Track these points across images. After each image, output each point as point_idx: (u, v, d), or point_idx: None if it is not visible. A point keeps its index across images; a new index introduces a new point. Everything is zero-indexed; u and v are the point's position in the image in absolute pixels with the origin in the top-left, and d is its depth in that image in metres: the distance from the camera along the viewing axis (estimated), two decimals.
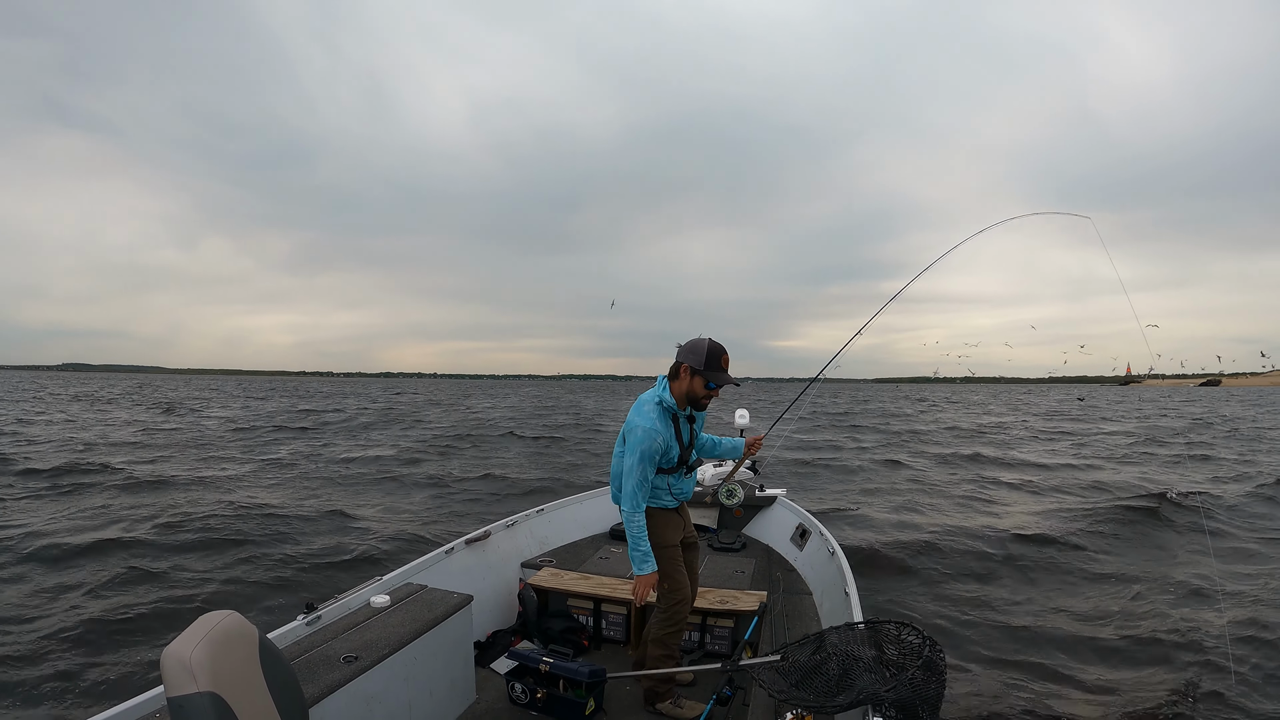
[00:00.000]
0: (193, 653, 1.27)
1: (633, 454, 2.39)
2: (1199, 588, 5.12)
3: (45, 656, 3.77)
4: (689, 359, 2.45)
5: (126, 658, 3.82)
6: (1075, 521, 7.28)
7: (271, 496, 8.35)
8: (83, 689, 3.47)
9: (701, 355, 2.43)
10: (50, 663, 3.70)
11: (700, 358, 2.43)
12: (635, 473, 2.39)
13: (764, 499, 4.56)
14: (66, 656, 3.78)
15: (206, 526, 6.58)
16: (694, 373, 2.45)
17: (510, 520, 3.84)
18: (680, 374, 2.48)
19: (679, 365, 2.48)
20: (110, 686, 3.49)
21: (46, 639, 3.98)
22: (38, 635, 4.03)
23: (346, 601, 2.49)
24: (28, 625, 4.19)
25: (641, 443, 2.39)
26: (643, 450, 2.38)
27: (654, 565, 2.45)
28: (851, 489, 9.85)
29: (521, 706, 2.60)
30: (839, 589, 2.88)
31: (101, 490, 8.55)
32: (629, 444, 2.44)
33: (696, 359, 2.43)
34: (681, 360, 2.47)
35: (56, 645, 3.91)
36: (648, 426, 2.41)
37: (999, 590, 5.23)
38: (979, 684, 3.65)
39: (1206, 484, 9.95)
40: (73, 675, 3.59)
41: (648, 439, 2.39)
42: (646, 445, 2.39)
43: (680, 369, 2.48)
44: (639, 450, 2.38)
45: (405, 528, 6.85)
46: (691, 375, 2.46)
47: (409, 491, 9.29)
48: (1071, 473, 11.53)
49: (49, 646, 3.88)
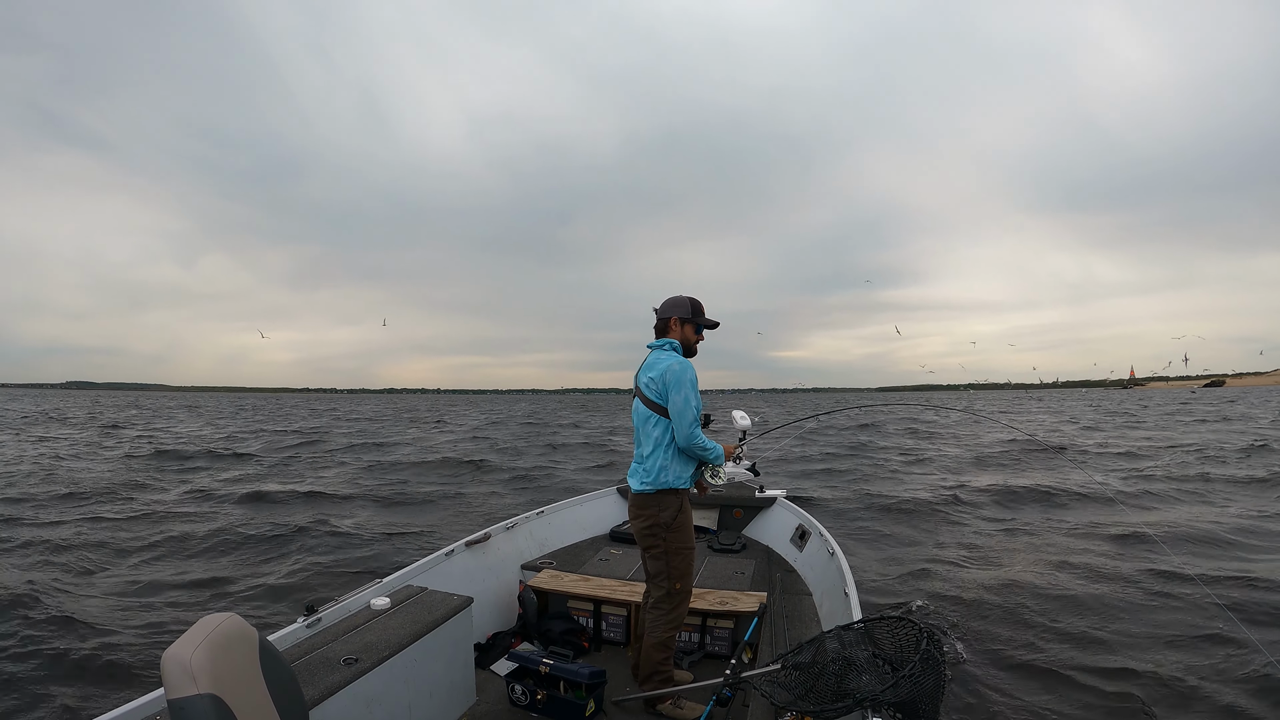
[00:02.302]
0: (193, 655, 1.27)
1: (685, 388, 2.52)
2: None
3: (45, 658, 3.76)
4: (675, 312, 2.70)
5: (126, 659, 3.81)
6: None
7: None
8: (83, 689, 3.47)
9: (686, 306, 2.70)
10: (50, 664, 3.70)
11: (685, 309, 2.70)
12: (693, 403, 2.54)
13: (764, 500, 4.57)
14: (67, 657, 3.78)
15: (207, 527, 6.57)
16: (684, 322, 2.70)
17: (510, 522, 3.85)
18: (671, 326, 2.70)
19: (667, 320, 2.71)
20: (110, 687, 3.48)
21: (47, 639, 3.98)
22: (38, 635, 4.03)
23: (347, 604, 2.50)
24: (25, 625, 4.18)
25: (689, 374, 2.56)
26: (692, 379, 2.56)
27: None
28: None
29: (522, 708, 2.60)
30: (839, 590, 2.89)
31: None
32: (673, 383, 2.52)
33: (682, 310, 2.70)
34: (668, 315, 2.71)
35: (55, 646, 3.90)
36: (685, 361, 2.60)
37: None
38: (979, 679, 3.65)
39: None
40: (72, 676, 3.59)
41: (693, 370, 2.59)
42: (694, 376, 2.58)
43: (670, 322, 2.70)
44: (689, 382, 2.54)
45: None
46: (682, 324, 2.70)
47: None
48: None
49: (48, 647, 3.88)
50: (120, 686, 3.52)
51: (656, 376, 2.56)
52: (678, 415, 2.52)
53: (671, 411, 2.53)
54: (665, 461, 2.57)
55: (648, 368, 2.64)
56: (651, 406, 2.59)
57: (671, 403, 2.53)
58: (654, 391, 2.58)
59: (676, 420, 2.52)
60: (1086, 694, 3.54)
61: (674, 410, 2.52)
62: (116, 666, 3.74)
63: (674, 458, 2.58)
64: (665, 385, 2.54)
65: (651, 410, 2.59)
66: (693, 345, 2.72)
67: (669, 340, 2.68)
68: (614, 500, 4.76)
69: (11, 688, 3.49)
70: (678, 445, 2.56)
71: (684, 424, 2.51)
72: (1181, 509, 8.19)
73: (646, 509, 2.60)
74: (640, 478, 2.63)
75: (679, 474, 2.58)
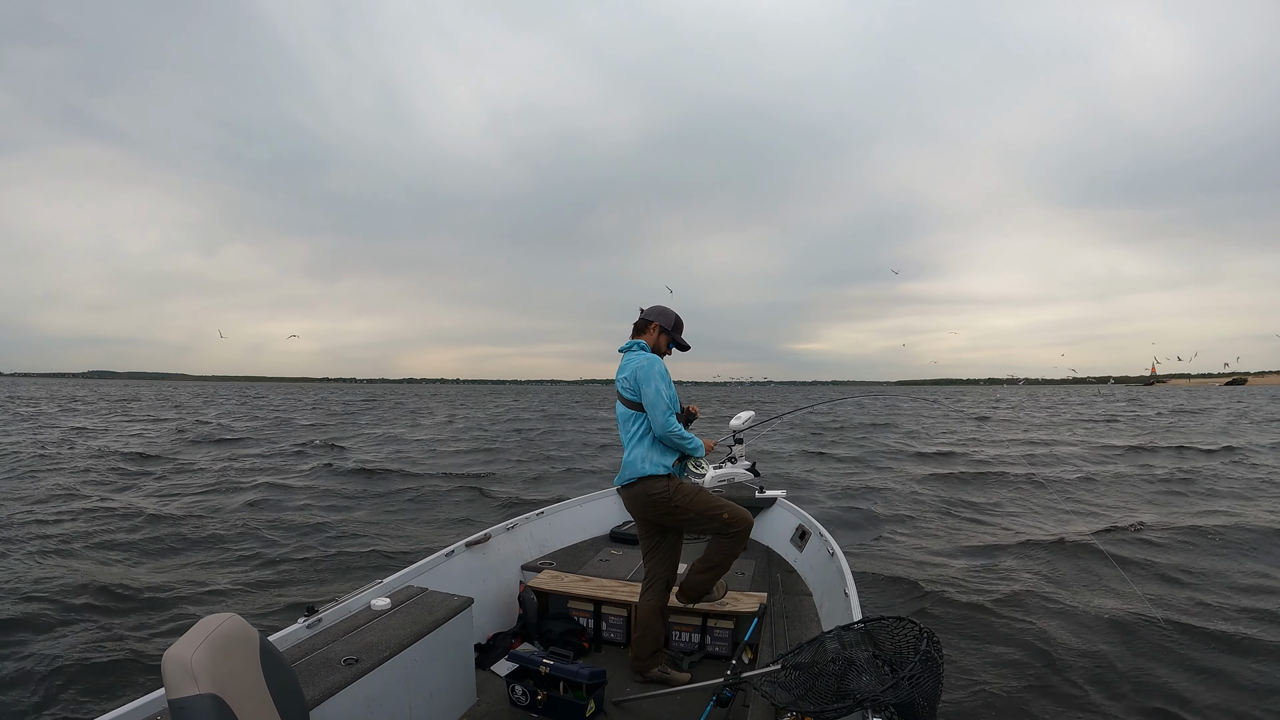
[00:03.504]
0: (194, 655, 1.27)
1: (655, 380, 2.70)
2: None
3: (45, 659, 3.76)
4: (659, 319, 2.90)
5: (127, 659, 3.81)
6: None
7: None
8: (83, 691, 3.47)
9: (670, 319, 2.91)
10: (50, 665, 3.70)
11: (669, 321, 2.91)
12: (665, 394, 2.70)
13: (764, 500, 4.57)
14: (67, 658, 3.78)
15: (207, 528, 6.57)
16: (662, 330, 2.89)
17: (510, 523, 3.85)
18: (649, 330, 2.90)
19: (648, 323, 2.90)
20: (110, 688, 3.49)
21: (46, 640, 3.98)
22: (37, 636, 4.03)
23: (347, 604, 2.50)
24: (26, 626, 4.19)
25: (658, 367, 2.74)
26: (661, 372, 2.74)
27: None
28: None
29: (522, 709, 2.60)
30: (839, 590, 2.89)
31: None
32: (644, 377, 2.71)
33: (666, 321, 2.90)
34: (652, 319, 2.90)
35: (56, 646, 3.90)
36: (653, 356, 2.80)
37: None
38: (979, 680, 3.65)
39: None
40: (73, 676, 3.59)
41: (661, 364, 2.78)
42: (664, 369, 2.77)
43: (650, 325, 2.90)
44: (658, 374, 2.72)
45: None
46: (660, 332, 2.89)
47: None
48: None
49: (49, 648, 3.88)
50: (120, 686, 3.52)
51: (629, 375, 2.75)
52: (650, 406, 2.69)
53: (645, 404, 2.71)
54: (645, 452, 2.73)
55: (621, 368, 2.83)
56: (629, 404, 2.78)
57: (644, 395, 2.70)
58: (629, 389, 2.76)
59: (650, 411, 2.69)
60: (1087, 694, 3.54)
61: (647, 402, 2.70)
62: (116, 666, 3.75)
63: (652, 447, 2.74)
64: (637, 381, 2.72)
65: (629, 408, 2.78)
66: (661, 354, 2.89)
67: (639, 341, 2.88)
68: (614, 501, 4.76)
69: (11, 688, 3.49)
70: (655, 435, 2.73)
71: (658, 413, 2.67)
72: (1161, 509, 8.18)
73: (638, 499, 2.77)
74: (624, 472, 2.80)
75: (658, 462, 2.73)
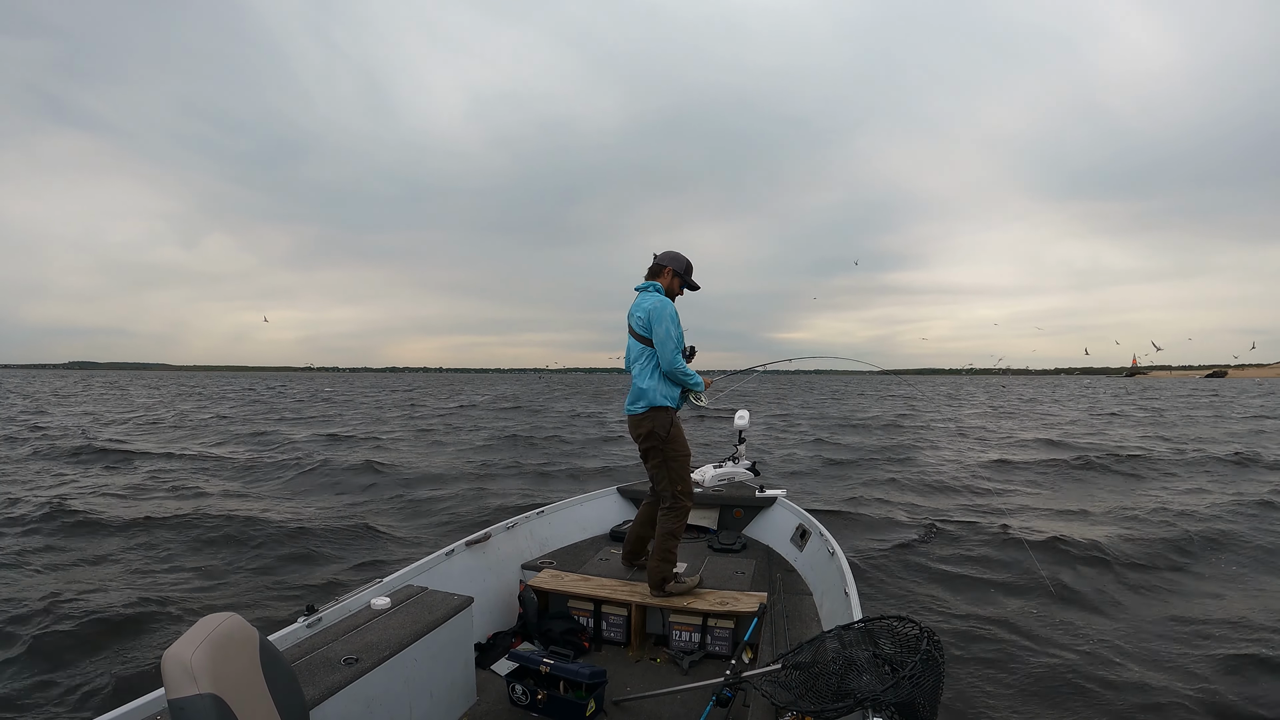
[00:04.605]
0: (194, 655, 1.27)
1: (667, 321, 3.04)
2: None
3: (45, 659, 3.77)
4: (672, 264, 3.20)
5: (127, 660, 3.81)
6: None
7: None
8: (83, 691, 3.47)
9: (683, 263, 3.23)
10: (50, 665, 3.70)
11: (682, 265, 3.22)
12: (674, 334, 3.05)
13: (764, 500, 4.56)
14: (66, 658, 3.78)
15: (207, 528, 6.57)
16: (675, 274, 3.20)
17: (510, 522, 3.85)
18: (665, 273, 3.20)
19: (662, 267, 3.20)
20: (110, 688, 3.48)
21: (46, 641, 3.98)
22: (36, 637, 4.03)
23: (347, 603, 2.50)
24: (25, 626, 4.19)
25: (669, 310, 3.07)
26: (673, 314, 3.08)
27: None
28: None
29: (522, 708, 2.60)
30: (839, 589, 2.88)
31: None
32: (656, 317, 3.04)
33: (679, 265, 3.21)
34: (666, 264, 3.20)
35: (56, 647, 3.91)
36: (666, 299, 3.10)
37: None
38: (979, 680, 3.65)
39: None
40: (73, 677, 3.59)
41: (673, 307, 3.11)
42: (674, 311, 3.10)
43: (665, 270, 3.20)
44: (669, 316, 3.05)
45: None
46: (673, 276, 3.20)
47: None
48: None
49: (48, 648, 3.88)
50: (120, 686, 3.52)
51: (643, 314, 3.07)
52: (660, 344, 3.03)
53: (655, 341, 3.04)
54: (653, 384, 3.09)
55: (635, 306, 3.16)
56: (640, 339, 3.11)
57: (655, 334, 3.04)
58: (641, 326, 3.09)
59: (660, 348, 3.03)
60: (1087, 694, 3.54)
61: (658, 340, 3.03)
62: (116, 666, 3.75)
63: (660, 381, 3.10)
64: (649, 320, 3.05)
65: (641, 343, 3.12)
66: (673, 295, 3.21)
67: (654, 283, 3.18)
68: (614, 500, 4.76)
69: (11, 688, 3.49)
70: (662, 371, 3.08)
71: (667, 351, 3.03)
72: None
73: (642, 425, 3.11)
74: (633, 400, 3.15)
75: (666, 394, 3.10)
